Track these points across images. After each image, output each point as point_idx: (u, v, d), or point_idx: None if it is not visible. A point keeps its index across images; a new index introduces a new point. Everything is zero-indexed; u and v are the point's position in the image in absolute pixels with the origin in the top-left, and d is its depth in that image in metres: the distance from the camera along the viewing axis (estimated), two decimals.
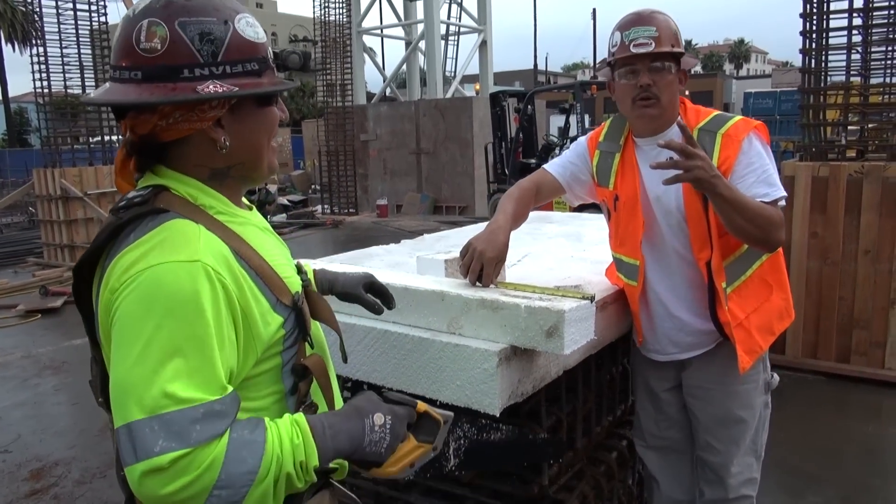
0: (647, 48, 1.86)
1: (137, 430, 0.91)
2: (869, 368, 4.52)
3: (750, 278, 1.98)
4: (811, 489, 3.24)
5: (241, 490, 0.95)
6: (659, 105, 1.90)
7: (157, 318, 0.94)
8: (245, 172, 1.16)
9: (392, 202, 16.04)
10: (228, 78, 1.05)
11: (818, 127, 5.02)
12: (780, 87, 31.14)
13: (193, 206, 1.08)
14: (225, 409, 0.96)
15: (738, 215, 1.75)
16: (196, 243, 1.01)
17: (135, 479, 0.92)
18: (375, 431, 1.08)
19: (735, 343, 1.93)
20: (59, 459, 3.83)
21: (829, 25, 4.83)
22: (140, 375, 0.93)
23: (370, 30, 20.15)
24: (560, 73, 69.42)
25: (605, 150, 2.10)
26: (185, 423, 0.92)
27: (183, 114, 1.05)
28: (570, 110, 11.70)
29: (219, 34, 1.04)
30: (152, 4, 1.04)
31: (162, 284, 0.96)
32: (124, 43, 1.04)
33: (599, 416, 2.41)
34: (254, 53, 1.08)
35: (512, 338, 1.70)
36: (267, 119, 1.15)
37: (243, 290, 1.04)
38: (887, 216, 4.39)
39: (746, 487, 2.09)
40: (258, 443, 0.97)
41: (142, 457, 0.91)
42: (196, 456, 0.92)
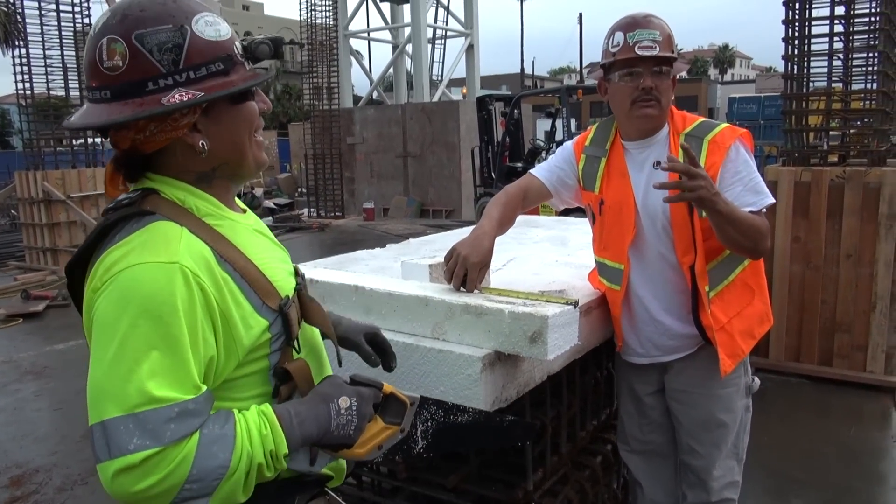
0: (652, 51, 1.87)
1: (112, 428, 0.93)
2: (851, 371, 4.56)
3: (733, 283, 1.99)
4: (794, 492, 3.26)
5: (213, 483, 0.97)
6: (659, 107, 1.92)
7: (133, 318, 0.95)
8: (231, 171, 1.16)
9: (379, 206, 16.02)
10: (194, 83, 1.04)
11: (801, 132, 5.07)
12: (763, 92, 31.46)
13: (181, 208, 1.09)
14: (198, 408, 0.97)
15: (733, 228, 1.78)
16: (176, 245, 1.01)
17: (107, 477, 0.93)
18: (342, 415, 1.10)
19: (717, 347, 1.94)
20: (40, 466, 3.78)
21: (811, 32, 4.88)
22: (115, 374, 0.94)
23: (357, 33, 20.14)
24: (547, 77, 69.69)
25: (590, 155, 2.11)
26: (160, 423, 0.93)
27: (157, 125, 1.05)
28: (556, 114, 11.76)
29: (176, 41, 1.03)
30: (109, 21, 1.04)
31: (138, 285, 0.97)
32: (90, 63, 1.04)
33: (584, 420, 2.41)
34: (216, 53, 1.07)
35: (496, 343, 1.70)
36: (243, 115, 1.14)
37: (223, 293, 1.04)
38: (868, 220, 4.43)
39: (728, 490, 2.10)
40: (228, 437, 0.99)
41: (115, 454, 0.92)
42: (168, 454, 0.93)
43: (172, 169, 1.11)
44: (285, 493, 1.14)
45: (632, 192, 2.00)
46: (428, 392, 1.78)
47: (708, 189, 1.68)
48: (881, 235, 4.41)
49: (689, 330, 2.01)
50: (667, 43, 1.90)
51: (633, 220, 1.98)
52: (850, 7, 4.77)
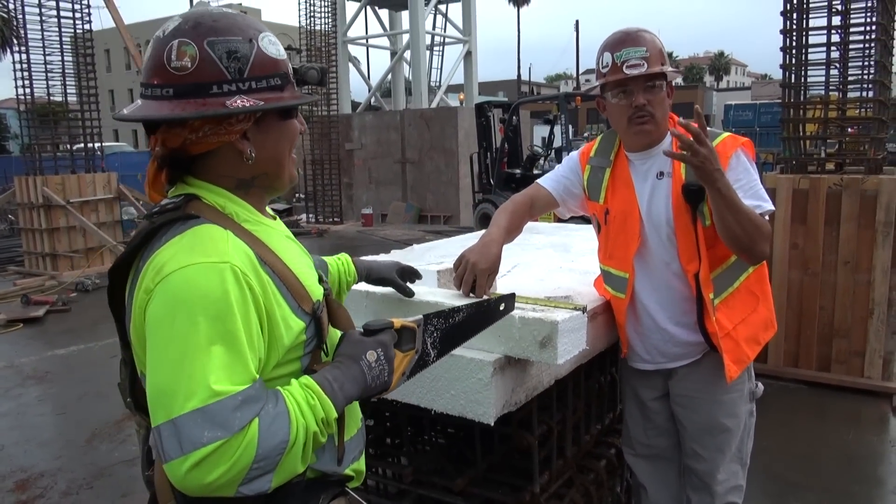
0: (641, 69, 1.89)
1: (182, 424, 0.96)
2: (849, 377, 4.61)
3: (737, 290, 2.02)
4: (793, 495, 3.30)
5: (276, 459, 1.01)
6: (654, 121, 1.96)
7: (190, 317, 0.99)
8: (268, 182, 1.22)
9: (377, 211, 16.06)
10: (254, 93, 1.11)
11: (798, 140, 5.13)
12: (759, 99, 31.66)
13: (222, 213, 1.14)
14: (257, 394, 1.02)
15: (731, 215, 1.79)
16: (224, 246, 1.06)
17: (181, 472, 0.97)
18: (373, 368, 1.15)
19: (723, 353, 1.97)
20: (45, 470, 3.79)
21: (808, 42, 4.94)
22: (180, 373, 0.98)
23: (355, 39, 20.21)
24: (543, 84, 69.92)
25: (595, 166, 2.15)
26: (227, 413, 0.97)
27: (212, 127, 1.11)
28: (554, 121, 11.82)
29: (244, 52, 1.10)
30: (181, 26, 1.10)
31: (193, 285, 1.01)
32: (156, 62, 1.09)
33: (588, 424, 2.45)
34: (276, 69, 1.14)
35: (506, 348, 1.73)
36: (288, 131, 1.21)
37: (267, 293, 1.09)
38: (865, 227, 4.49)
39: (732, 494, 2.13)
40: (283, 413, 1.03)
41: (188, 449, 0.96)
42: (235, 440, 0.97)
43: (215, 173, 1.16)
44: (311, 492, 1.17)
45: (636, 201, 2.03)
46: (438, 396, 1.81)
47: (711, 161, 1.70)
48: (878, 242, 4.46)
49: (694, 337, 2.04)
50: (656, 57, 1.92)
51: (638, 230, 2.02)
52: (846, 17, 4.84)
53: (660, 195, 1.99)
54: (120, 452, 4.00)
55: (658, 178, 2.00)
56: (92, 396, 5.01)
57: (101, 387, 5.18)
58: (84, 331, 6.83)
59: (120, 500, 3.45)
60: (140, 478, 3.76)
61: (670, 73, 1.97)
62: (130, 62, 47.89)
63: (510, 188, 11.31)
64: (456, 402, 1.77)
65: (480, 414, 1.72)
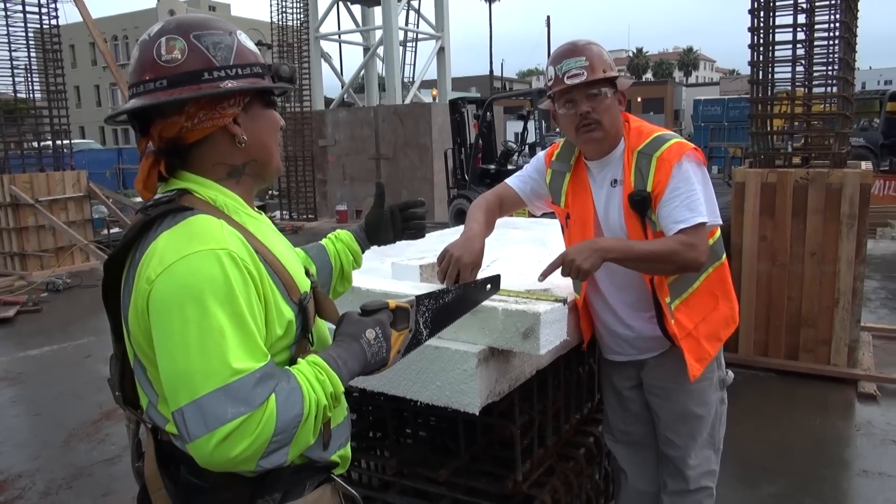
0: (581, 78, 1.94)
1: (206, 403, 1.01)
2: (816, 365, 4.76)
3: (697, 290, 2.08)
4: (765, 479, 3.41)
5: (293, 431, 1.07)
6: (601, 128, 1.99)
7: (200, 302, 1.04)
8: (258, 170, 1.27)
9: (352, 207, 16.00)
10: (241, 78, 1.18)
11: (766, 135, 5.26)
12: (727, 94, 32.16)
13: (213, 206, 1.18)
14: (273, 371, 1.08)
15: (639, 264, 1.92)
16: (220, 233, 1.11)
17: (207, 449, 1.01)
18: (372, 345, 1.23)
19: (685, 353, 2.04)
20: (23, 471, 3.76)
21: (774, 39, 5.07)
22: (198, 356, 1.02)
23: (328, 35, 20.08)
24: (515, 79, 70.16)
25: (556, 170, 2.20)
26: (248, 389, 1.03)
27: (206, 113, 1.16)
28: (527, 117, 11.92)
29: (228, 43, 1.18)
30: (165, 26, 1.17)
31: (196, 271, 1.05)
32: (145, 60, 1.15)
33: (568, 414, 2.51)
34: (256, 59, 1.22)
35: (490, 339, 1.78)
36: (273, 119, 1.28)
37: (263, 279, 1.14)
38: (831, 220, 4.63)
39: (706, 479, 2.21)
40: (296, 389, 1.09)
41: (213, 426, 1.00)
42: (257, 415, 1.02)
43: (209, 162, 1.21)
44: (297, 477, 1.22)
45: (593, 207, 2.10)
46: (424, 387, 1.85)
47: (578, 259, 1.81)
48: (843, 234, 4.60)
49: (657, 333, 2.11)
50: (597, 65, 1.95)
51: (594, 235, 2.07)
52: (811, 15, 4.97)
53: (614, 202, 2.05)
54: (98, 452, 3.98)
55: (612, 186, 2.06)
56: (68, 397, 4.96)
57: (76, 387, 5.14)
58: (56, 331, 6.73)
59: (101, 499, 3.43)
60: (121, 477, 3.75)
61: (620, 80, 2.00)
62: (97, 58, 47.02)
63: (485, 184, 11.37)
64: (441, 393, 1.81)
65: (465, 404, 1.77)
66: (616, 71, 2.02)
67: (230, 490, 1.14)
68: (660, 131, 2.05)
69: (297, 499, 1.20)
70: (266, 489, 1.17)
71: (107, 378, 1.34)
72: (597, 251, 1.83)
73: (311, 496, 1.23)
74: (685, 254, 1.87)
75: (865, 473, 3.49)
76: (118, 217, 11.11)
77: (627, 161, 2.01)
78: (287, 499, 1.19)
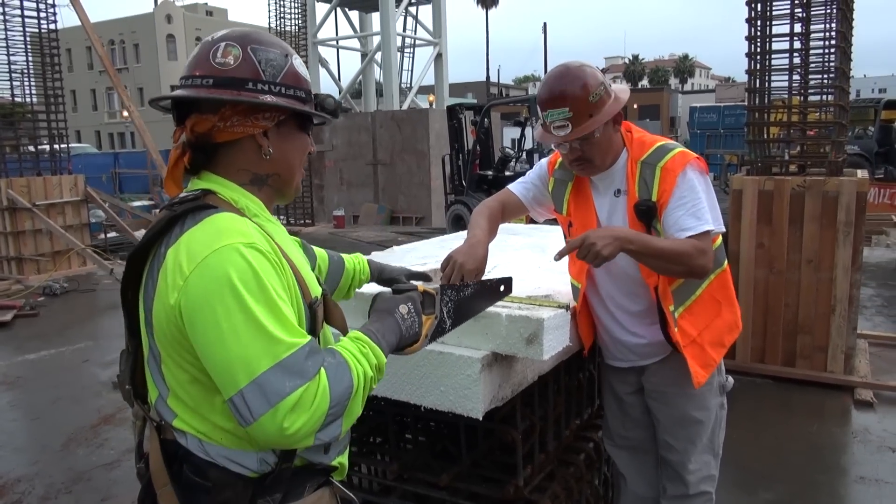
0: (565, 131, 1.92)
1: (265, 381, 1.06)
2: (812, 371, 4.78)
3: (700, 297, 2.10)
4: (762, 486, 3.42)
5: (345, 403, 1.13)
6: (593, 165, 2.02)
7: (236, 292, 1.08)
8: (279, 184, 1.32)
9: (349, 213, 16.04)
10: (282, 97, 1.25)
11: (762, 143, 5.30)
12: (723, 101, 32.32)
13: (235, 208, 1.23)
14: (316, 346, 1.15)
15: (654, 260, 1.91)
16: (247, 229, 1.16)
17: (274, 425, 1.05)
18: (406, 319, 1.32)
19: (689, 360, 2.05)
20: (22, 476, 3.75)
21: (771, 48, 5.11)
22: (247, 339, 1.07)
23: (325, 41, 20.15)
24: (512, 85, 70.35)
25: (559, 179, 2.22)
26: (300, 362, 1.09)
27: (240, 119, 1.22)
28: (525, 123, 11.95)
29: (280, 63, 1.26)
30: (229, 34, 1.25)
31: (230, 263, 1.10)
32: (200, 58, 1.22)
33: (568, 419, 2.53)
34: (303, 84, 1.29)
35: (493, 345, 1.80)
36: (302, 143, 1.34)
37: (287, 271, 1.20)
38: (827, 227, 4.66)
39: (705, 484, 2.23)
40: (343, 363, 1.15)
41: (275, 401, 1.05)
42: (312, 387, 1.08)
43: (233, 166, 1.26)
44: (298, 479, 1.24)
45: (596, 216, 2.12)
46: (428, 392, 1.87)
47: (599, 244, 1.77)
48: (839, 241, 4.63)
49: (660, 339, 2.12)
50: (581, 112, 1.90)
51: None
52: (807, 25, 5.02)
53: (618, 212, 2.07)
54: (97, 457, 3.97)
55: (615, 196, 2.07)
56: (66, 401, 4.95)
57: (74, 391, 5.13)
58: (54, 335, 6.72)
59: (100, 503, 3.44)
60: (120, 482, 3.75)
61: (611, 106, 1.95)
62: (93, 62, 47.00)
63: (482, 190, 11.40)
64: (445, 398, 1.83)
65: (469, 409, 1.79)
66: (609, 98, 1.96)
67: (232, 489, 1.17)
68: (662, 141, 2.06)
69: (296, 500, 1.23)
70: (267, 489, 1.19)
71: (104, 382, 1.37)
72: (618, 239, 1.82)
73: (310, 498, 1.25)
74: (697, 258, 1.90)
75: (862, 480, 3.51)
76: (115, 221, 11.11)
77: (631, 171, 2.02)
78: (287, 500, 1.22)
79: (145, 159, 22.78)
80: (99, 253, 9.86)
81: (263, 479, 1.19)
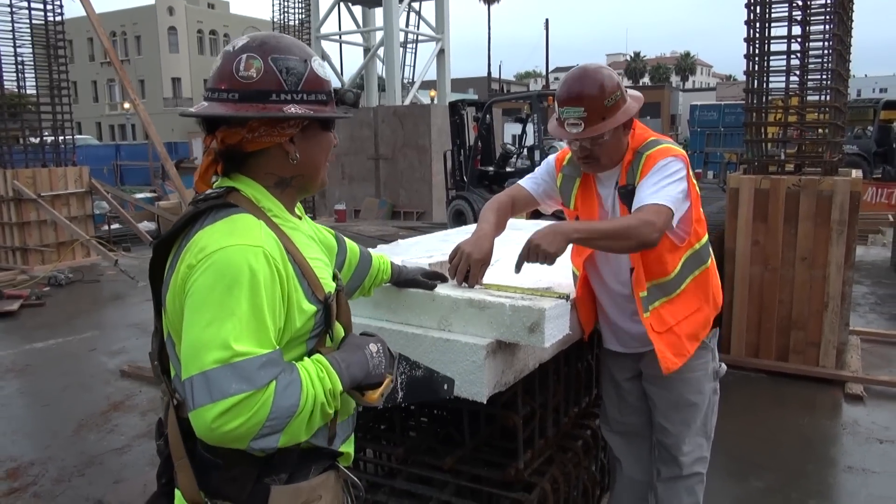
0: (577, 129, 2.05)
1: (214, 376, 1.11)
2: (805, 366, 4.89)
3: (684, 291, 2.21)
4: (754, 474, 3.54)
5: (286, 420, 1.16)
6: (599, 164, 2.15)
7: (226, 288, 1.16)
8: (304, 183, 1.40)
9: (350, 207, 16.13)
10: (304, 104, 1.30)
11: (760, 143, 5.40)
12: (724, 100, 32.34)
13: (256, 206, 1.31)
14: (277, 359, 1.18)
15: (604, 241, 2.00)
16: (258, 232, 1.23)
17: (207, 419, 1.11)
18: (374, 357, 1.34)
19: (663, 347, 2.16)
20: (35, 459, 3.86)
21: (770, 50, 5.21)
22: (212, 332, 1.14)
23: (328, 35, 20.20)
24: (513, 81, 70.33)
25: (567, 175, 2.34)
26: (253, 370, 1.13)
27: (267, 129, 1.29)
28: (526, 119, 12.04)
29: (300, 69, 1.30)
30: (249, 44, 1.29)
31: (232, 262, 1.17)
32: (224, 71, 1.28)
33: (567, 407, 2.64)
34: (322, 87, 1.33)
35: (497, 333, 1.90)
36: (326, 142, 1.40)
37: (290, 276, 1.26)
38: (822, 226, 4.77)
39: (698, 465, 2.35)
40: (297, 381, 1.19)
41: (217, 398, 1.11)
42: (256, 396, 1.12)
43: (262, 170, 1.34)
44: (304, 461, 1.32)
45: (601, 210, 2.24)
46: None
47: (544, 244, 1.92)
48: (833, 240, 4.74)
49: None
50: (596, 113, 2.02)
51: None
52: (805, 27, 5.12)
53: (618, 202, 2.19)
54: (108, 442, 4.08)
55: (615, 188, 2.20)
56: (75, 388, 5.06)
57: (83, 379, 5.24)
58: (60, 325, 6.83)
59: (113, 486, 3.54)
60: (131, 465, 3.87)
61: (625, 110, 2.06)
62: (94, 53, 46.99)
63: (483, 185, 11.49)
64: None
65: (474, 393, 1.89)
66: (623, 102, 2.07)
67: (240, 467, 1.25)
68: (658, 137, 2.20)
69: (302, 481, 1.31)
70: (273, 469, 1.27)
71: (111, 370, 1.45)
72: (559, 234, 1.94)
73: (316, 479, 1.33)
74: (642, 229, 1.93)
75: (850, 469, 3.63)
76: (119, 213, 11.21)
77: (626, 161, 2.16)
78: (293, 480, 1.30)
79: (146, 151, 22.90)
80: (103, 244, 9.96)
81: (270, 459, 1.26)
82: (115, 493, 3.47)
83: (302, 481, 1.30)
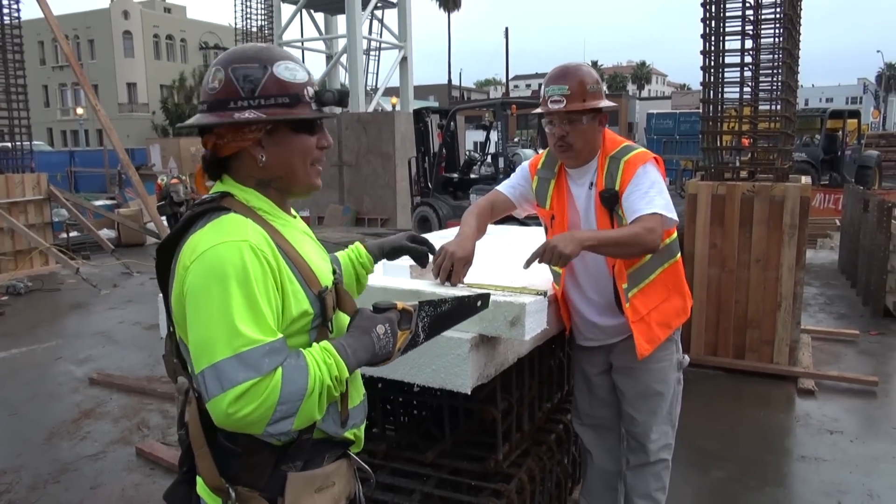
0: (559, 105, 2.24)
1: (223, 367, 1.19)
2: (760, 363, 5.14)
3: (653, 282, 2.38)
4: (714, 465, 3.73)
5: (296, 404, 1.23)
6: (572, 150, 2.30)
7: (223, 284, 1.23)
8: (283, 185, 1.45)
9: (314, 214, 16.07)
10: (262, 108, 1.34)
11: (715, 150, 5.65)
12: (679, 108, 33.18)
13: (248, 208, 1.39)
14: (281, 347, 1.25)
15: (613, 248, 2.18)
16: (244, 228, 1.31)
17: (223, 407, 1.19)
18: (381, 339, 1.38)
19: (637, 334, 2.33)
20: (7, 468, 3.82)
21: (724, 62, 5.47)
22: (217, 327, 1.22)
23: (291, 42, 20.13)
24: (473, 89, 70.88)
25: (542, 177, 2.49)
26: (257, 358, 1.20)
27: (232, 135, 1.36)
28: (489, 127, 12.22)
29: (257, 75, 1.35)
30: (220, 58, 1.40)
31: (221, 258, 1.25)
32: (203, 85, 1.40)
33: (541, 402, 2.76)
34: (287, 90, 1.36)
35: (480, 328, 2.02)
36: (300, 144, 1.41)
37: (281, 268, 1.33)
38: (774, 229, 5.02)
39: (664, 452, 2.50)
40: (303, 367, 1.25)
41: (227, 387, 1.19)
42: (264, 382, 1.20)
43: (241, 173, 1.42)
44: (317, 450, 1.41)
45: (576, 208, 2.40)
46: (421, 371, 2.08)
47: (559, 246, 2.04)
48: (785, 242, 4.99)
49: (622, 320, 2.39)
50: (577, 94, 2.22)
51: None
52: (757, 41, 5.39)
53: (592, 202, 2.35)
54: (82, 448, 4.06)
55: (590, 188, 2.36)
56: (43, 397, 5.00)
57: (50, 388, 5.18)
58: (22, 334, 6.71)
59: (90, 492, 3.54)
60: (107, 471, 3.89)
61: (597, 105, 2.26)
62: (45, 57, 45.79)
63: (448, 192, 11.62)
64: (437, 376, 2.04)
65: (458, 385, 2.00)
66: (601, 96, 2.28)
67: (258, 455, 1.33)
68: (629, 143, 2.38)
69: (316, 468, 1.39)
70: (290, 457, 1.35)
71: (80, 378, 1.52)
72: (576, 240, 2.08)
73: (329, 467, 1.41)
74: (645, 236, 2.14)
75: (803, 459, 3.85)
76: (79, 220, 11.00)
77: (601, 165, 2.32)
78: (308, 467, 1.38)
79: (101, 158, 22.42)
80: (63, 252, 9.77)
81: (287, 448, 1.34)
82: (93, 499, 3.48)
83: (316, 468, 1.38)
